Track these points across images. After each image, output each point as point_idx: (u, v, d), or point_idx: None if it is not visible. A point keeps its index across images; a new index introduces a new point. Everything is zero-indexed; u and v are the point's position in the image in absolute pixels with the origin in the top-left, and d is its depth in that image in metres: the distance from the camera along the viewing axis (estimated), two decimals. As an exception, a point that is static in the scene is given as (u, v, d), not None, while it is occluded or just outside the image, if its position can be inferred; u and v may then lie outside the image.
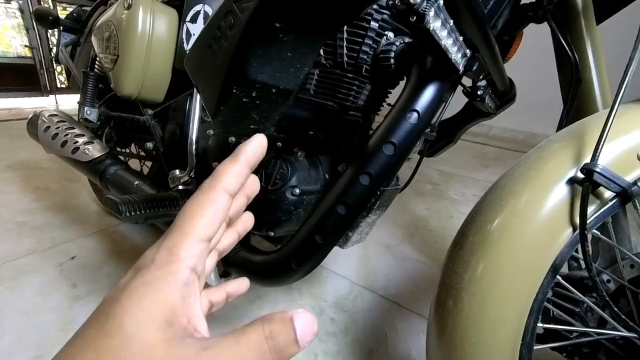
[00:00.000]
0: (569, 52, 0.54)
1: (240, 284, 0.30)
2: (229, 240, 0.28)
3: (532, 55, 1.85)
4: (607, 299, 0.41)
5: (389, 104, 0.56)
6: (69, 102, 3.86)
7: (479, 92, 0.65)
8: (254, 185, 0.27)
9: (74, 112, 0.99)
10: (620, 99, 0.38)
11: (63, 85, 4.06)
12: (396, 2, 0.30)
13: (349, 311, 0.90)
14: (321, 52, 0.54)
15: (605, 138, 0.37)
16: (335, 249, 0.57)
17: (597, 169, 0.36)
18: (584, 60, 0.54)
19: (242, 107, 0.31)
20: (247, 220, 0.29)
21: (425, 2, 0.30)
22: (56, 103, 3.91)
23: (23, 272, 0.94)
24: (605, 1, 0.57)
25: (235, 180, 0.23)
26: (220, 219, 0.22)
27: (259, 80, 0.29)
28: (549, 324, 0.50)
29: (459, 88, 0.69)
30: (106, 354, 0.16)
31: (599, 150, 0.37)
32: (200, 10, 0.72)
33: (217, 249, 0.27)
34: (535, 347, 0.42)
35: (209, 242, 0.22)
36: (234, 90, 0.29)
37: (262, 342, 0.18)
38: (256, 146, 0.24)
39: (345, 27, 0.51)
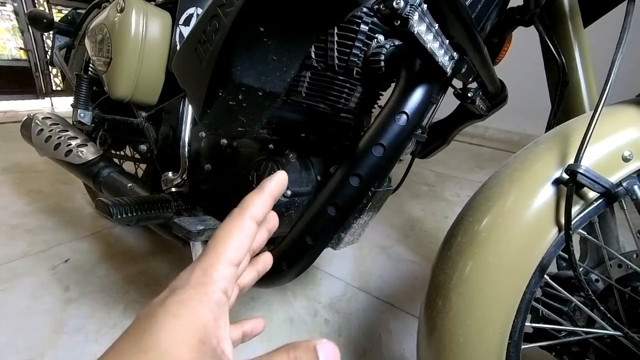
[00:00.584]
0: (556, 55, 0.55)
1: (256, 324, 0.30)
2: (249, 277, 0.29)
3: (526, 57, 1.86)
4: (594, 298, 0.41)
5: (380, 106, 0.57)
6: (65, 105, 3.85)
7: (469, 94, 0.66)
8: (274, 220, 0.29)
9: (69, 114, 0.99)
10: (604, 101, 0.39)
11: (59, 88, 4.05)
12: (380, 6, 0.30)
13: (343, 312, 0.90)
14: (312, 54, 0.55)
15: (589, 139, 0.38)
16: (330, 250, 0.57)
17: (581, 170, 0.37)
18: (571, 63, 0.55)
19: (229, 110, 0.31)
20: (267, 260, 0.31)
21: (409, 6, 0.30)
22: (52, 105, 3.90)
23: (16, 275, 0.94)
24: (592, 4, 0.58)
25: (260, 210, 0.25)
26: (248, 245, 0.23)
27: (245, 83, 0.29)
28: (538, 323, 0.50)
29: (450, 90, 0.70)
30: None
31: (582, 151, 0.38)
32: (193, 13, 0.73)
33: (238, 283, 0.28)
34: (524, 346, 0.42)
35: (237, 267, 0.23)
36: (220, 94, 0.29)
37: None
38: (279, 180, 0.26)
39: (335, 30, 0.52)
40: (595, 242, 0.47)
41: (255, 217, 0.24)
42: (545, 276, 0.42)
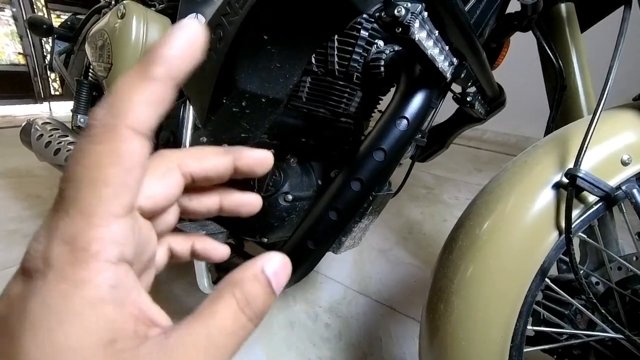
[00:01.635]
0: (554, 60, 0.55)
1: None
2: (206, 203, 0.21)
3: (524, 61, 1.87)
4: (595, 301, 0.42)
5: (380, 111, 0.57)
6: (63, 109, 3.84)
7: (468, 99, 0.67)
8: (248, 157, 0.20)
9: (67, 119, 0.99)
10: (603, 105, 0.39)
11: (57, 93, 4.05)
12: (382, 14, 0.31)
13: (344, 316, 0.90)
14: (313, 60, 0.55)
15: (588, 143, 0.38)
16: (330, 254, 0.57)
17: (580, 174, 0.37)
18: (568, 68, 0.56)
19: (232, 117, 0.32)
20: (251, 200, 0.22)
21: (410, 14, 0.30)
22: (50, 110, 3.89)
23: (15, 281, 0.93)
24: (588, 10, 0.59)
25: (148, 112, 0.14)
26: (136, 177, 0.14)
27: (248, 90, 0.30)
28: (539, 326, 0.51)
29: (449, 94, 0.71)
30: None
31: (581, 156, 0.38)
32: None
33: (188, 210, 0.20)
34: (525, 350, 0.42)
35: (131, 209, 0.14)
36: (224, 101, 0.30)
37: (240, 315, 0.15)
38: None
39: (336, 36, 0.52)
40: (595, 245, 0.48)
41: (138, 128, 0.14)
42: (546, 279, 0.42)
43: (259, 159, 0.20)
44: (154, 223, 0.19)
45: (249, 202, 0.23)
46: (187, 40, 0.15)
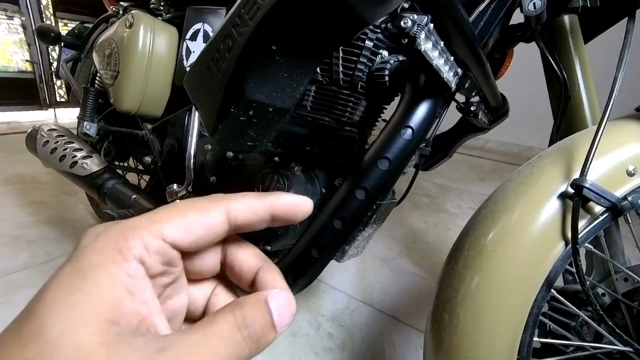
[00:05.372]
0: (558, 71, 0.56)
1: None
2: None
3: (526, 71, 1.89)
4: (602, 313, 0.41)
5: (384, 120, 0.57)
6: (68, 116, 3.88)
7: (472, 108, 0.67)
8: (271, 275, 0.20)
9: (72, 125, 1.00)
10: (608, 116, 0.40)
11: (62, 99, 4.09)
12: (388, 25, 0.31)
13: (347, 326, 0.89)
14: (318, 69, 0.56)
15: (594, 154, 0.38)
16: (332, 262, 0.57)
17: (587, 185, 0.37)
18: (572, 78, 0.56)
19: (240, 126, 0.32)
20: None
21: (416, 26, 0.31)
22: (55, 117, 3.93)
23: (17, 287, 0.93)
24: (592, 21, 0.59)
25: (244, 212, 0.18)
26: (201, 234, 0.17)
27: (256, 99, 0.30)
28: (546, 338, 0.50)
29: (453, 104, 0.71)
30: None
31: (587, 166, 0.38)
32: (200, 29, 0.74)
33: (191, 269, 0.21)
34: (532, 362, 0.42)
35: (174, 251, 0.17)
36: (232, 110, 0.30)
37: (235, 331, 0.15)
38: (293, 204, 0.20)
39: (341, 47, 0.53)
40: (601, 256, 0.47)
41: (230, 214, 0.18)
42: (552, 290, 0.42)
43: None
44: (196, 261, 0.20)
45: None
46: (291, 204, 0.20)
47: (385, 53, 0.54)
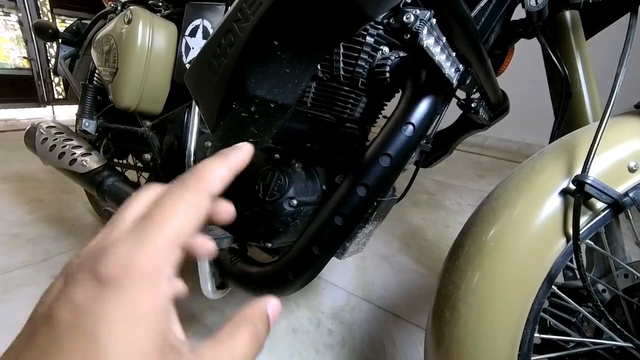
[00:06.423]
0: (559, 67, 0.55)
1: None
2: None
3: (527, 67, 1.89)
4: (602, 308, 0.41)
5: (384, 116, 0.57)
6: (66, 113, 3.87)
7: (472, 105, 0.67)
8: (226, 212, 0.22)
9: (71, 123, 1.00)
10: (610, 112, 0.39)
11: (60, 96, 4.08)
12: (391, 20, 0.31)
13: (347, 322, 0.89)
14: (318, 66, 0.55)
15: (596, 150, 0.38)
16: (332, 259, 0.57)
17: (588, 181, 0.37)
18: (573, 74, 0.56)
19: (241, 122, 0.32)
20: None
21: (419, 21, 0.31)
22: (53, 114, 3.92)
23: (16, 285, 0.93)
24: (593, 17, 0.59)
25: (219, 185, 0.20)
26: (196, 226, 0.19)
27: (258, 95, 0.30)
28: (546, 334, 0.50)
29: (454, 100, 0.71)
30: None
31: (589, 162, 0.38)
32: (199, 25, 0.74)
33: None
34: (533, 358, 0.42)
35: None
36: (234, 106, 0.30)
37: (253, 335, 0.20)
38: (245, 153, 0.22)
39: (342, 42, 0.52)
40: (602, 252, 0.47)
41: (212, 193, 0.20)
42: (553, 286, 0.42)
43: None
44: None
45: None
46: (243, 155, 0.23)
47: (386, 49, 0.54)
